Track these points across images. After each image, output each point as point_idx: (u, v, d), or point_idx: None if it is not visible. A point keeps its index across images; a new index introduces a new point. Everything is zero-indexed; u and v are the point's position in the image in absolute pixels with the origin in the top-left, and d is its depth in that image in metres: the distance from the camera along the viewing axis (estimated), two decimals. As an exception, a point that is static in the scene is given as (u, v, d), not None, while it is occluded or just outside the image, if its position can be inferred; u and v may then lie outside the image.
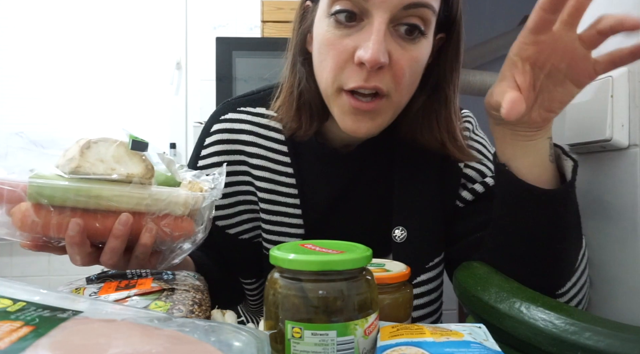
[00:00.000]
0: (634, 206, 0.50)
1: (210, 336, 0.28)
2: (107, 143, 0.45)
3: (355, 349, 0.33)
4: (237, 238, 0.67)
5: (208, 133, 0.67)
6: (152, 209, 0.47)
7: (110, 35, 2.13)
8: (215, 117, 0.67)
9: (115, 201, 0.45)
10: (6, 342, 0.23)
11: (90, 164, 0.44)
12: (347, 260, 0.34)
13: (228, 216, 0.66)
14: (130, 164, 0.45)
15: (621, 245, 0.52)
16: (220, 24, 2.05)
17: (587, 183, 0.58)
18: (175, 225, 0.48)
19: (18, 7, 2.09)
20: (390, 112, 0.54)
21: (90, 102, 2.13)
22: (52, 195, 0.43)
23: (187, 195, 0.48)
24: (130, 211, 0.46)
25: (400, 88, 0.52)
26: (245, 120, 0.65)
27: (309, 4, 0.58)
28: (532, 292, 0.45)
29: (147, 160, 0.46)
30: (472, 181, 0.63)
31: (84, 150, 0.44)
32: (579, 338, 0.37)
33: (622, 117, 0.51)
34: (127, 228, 0.45)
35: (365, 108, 0.52)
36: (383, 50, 0.48)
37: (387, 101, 0.52)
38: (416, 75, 0.54)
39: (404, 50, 0.51)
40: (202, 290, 0.49)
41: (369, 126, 0.54)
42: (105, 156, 0.45)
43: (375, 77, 0.50)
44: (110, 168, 0.44)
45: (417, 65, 0.53)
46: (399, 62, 0.50)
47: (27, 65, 2.10)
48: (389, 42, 0.50)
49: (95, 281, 0.49)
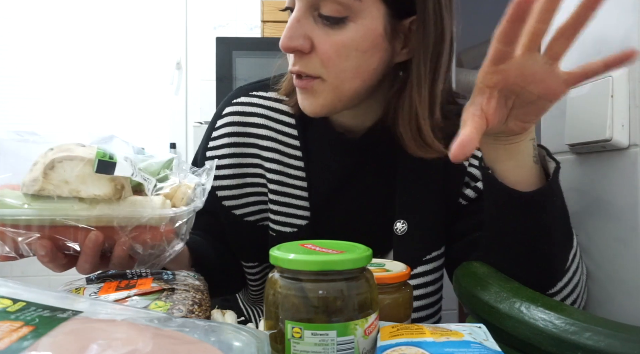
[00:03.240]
0: (634, 206, 0.50)
1: (210, 336, 0.28)
2: (72, 163, 0.42)
3: (355, 349, 0.33)
4: (242, 219, 0.68)
5: (220, 115, 0.69)
6: (124, 224, 0.45)
7: (110, 35, 2.13)
8: (228, 101, 0.70)
9: (84, 223, 0.43)
10: (6, 342, 0.23)
11: (54, 186, 0.42)
12: (347, 260, 0.34)
13: (235, 196, 0.67)
14: (96, 185, 0.43)
15: (621, 245, 0.52)
16: (220, 24, 2.05)
17: (587, 183, 0.58)
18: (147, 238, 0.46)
19: (18, 7, 2.09)
20: (331, 94, 0.56)
21: (91, 102, 2.13)
22: (16, 222, 0.42)
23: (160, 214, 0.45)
24: (101, 227, 0.44)
25: (332, 71, 0.54)
26: (257, 104, 0.68)
27: None
28: (532, 292, 0.45)
29: (117, 177, 0.44)
30: (476, 179, 0.63)
31: (48, 170, 0.42)
32: (579, 338, 0.37)
33: (622, 117, 0.51)
34: (97, 245, 0.45)
35: (299, 86, 0.57)
36: (295, 36, 0.53)
37: (322, 82, 0.55)
38: (354, 59, 0.53)
39: (326, 36, 0.53)
40: (202, 290, 0.49)
41: (310, 103, 0.57)
42: (70, 177, 0.42)
43: (299, 61, 0.55)
44: (75, 190, 0.42)
45: (347, 49, 0.53)
46: (322, 46, 0.53)
47: (27, 65, 2.10)
48: (312, 29, 0.53)
49: (95, 281, 0.49)
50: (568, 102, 0.60)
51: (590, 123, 0.54)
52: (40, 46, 2.10)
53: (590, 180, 0.57)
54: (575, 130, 0.58)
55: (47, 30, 2.10)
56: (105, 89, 2.13)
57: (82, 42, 2.12)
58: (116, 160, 0.43)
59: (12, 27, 2.09)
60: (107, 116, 2.13)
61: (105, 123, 2.13)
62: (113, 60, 2.14)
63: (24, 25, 2.10)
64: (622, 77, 0.51)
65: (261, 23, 1.82)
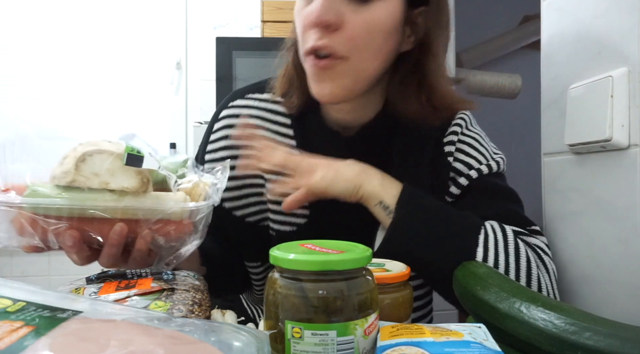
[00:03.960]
0: (634, 206, 0.50)
1: (210, 336, 0.28)
2: (102, 156, 0.45)
3: (355, 349, 0.33)
4: (243, 220, 0.69)
5: (217, 119, 0.70)
6: (147, 217, 0.47)
7: (110, 35, 2.13)
8: (224, 104, 0.71)
9: (110, 214, 0.45)
10: (6, 342, 0.23)
11: (85, 178, 0.44)
12: (347, 260, 0.34)
13: (235, 198, 0.68)
14: (124, 177, 0.45)
15: (621, 245, 0.52)
16: (220, 24, 2.05)
17: (587, 183, 0.58)
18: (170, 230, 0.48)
19: (18, 7, 2.09)
20: (352, 76, 0.56)
21: (91, 101, 2.13)
22: (47, 211, 0.44)
23: (182, 207, 0.48)
24: (126, 220, 0.46)
25: (357, 50, 0.54)
26: (253, 106, 0.69)
27: None
28: (532, 292, 0.45)
29: (143, 171, 0.46)
30: (460, 174, 0.64)
31: (79, 163, 0.44)
32: (579, 338, 0.37)
33: (622, 117, 0.51)
34: (122, 237, 0.46)
35: (320, 65, 0.55)
36: (327, 9, 0.52)
37: (344, 63, 0.55)
38: (378, 38, 0.55)
39: (356, 13, 0.53)
40: (202, 290, 0.49)
41: (330, 87, 0.56)
42: (100, 169, 0.45)
43: (326, 36, 0.53)
44: (105, 182, 0.45)
45: (375, 28, 0.54)
46: (351, 23, 0.53)
47: (27, 65, 2.10)
48: (341, 4, 0.53)
49: (95, 281, 0.49)
50: (568, 102, 0.60)
51: (590, 123, 0.54)
52: (40, 46, 2.10)
53: (590, 180, 0.57)
54: (575, 130, 0.58)
55: (47, 30, 2.10)
56: (106, 89, 2.13)
57: (82, 42, 2.12)
58: (144, 155, 0.46)
59: (12, 27, 2.09)
60: (107, 116, 2.13)
61: (106, 123, 2.13)
62: (113, 60, 2.13)
63: (24, 25, 2.10)
64: (622, 77, 0.51)
65: (261, 23, 1.82)
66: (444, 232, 0.54)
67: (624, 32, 0.51)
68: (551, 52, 0.66)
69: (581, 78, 0.58)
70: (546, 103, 0.67)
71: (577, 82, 0.59)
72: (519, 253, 0.54)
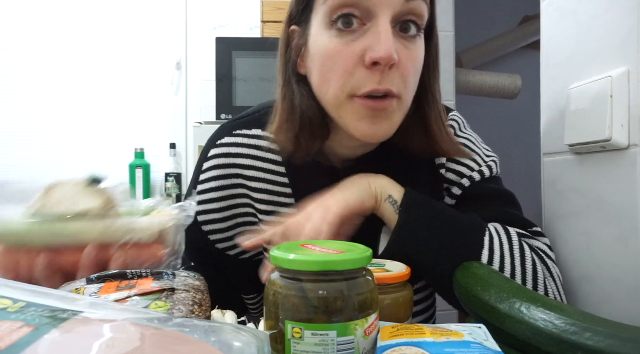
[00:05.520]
0: (634, 206, 0.50)
1: (210, 336, 0.28)
2: (67, 184, 0.49)
3: (355, 349, 0.33)
4: (237, 258, 0.68)
5: (206, 158, 0.67)
6: (116, 238, 0.49)
7: (110, 35, 2.13)
8: (212, 142, 0.67)
9: (79, 236, 0.48)
10: (6, 342, 0.23)
11: (52, 205, 0.48)
12: (347, 260, 0.34)
13: (227, 239, 0.67)
14: (89, 200, 0.49)
15: (621, 245, 0.52)
16: (220, 24, 2.05)
17: (587, 183, 0.58)
18: (142, 251, 0.50)
19: (18, 7, 2.09)
20: (401, 112, 0.55)
21: (91, 102, 2.13)
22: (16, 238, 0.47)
23: (149, 220, 0.50)
24: (97, 243, 0.48)
25: (407, 88, 0.53)
26: (241, 144, 0.65)
27: (295, 28, 0.58)
28: (532, 292, 0.45)
29: (107, 193, 0.50)
30: (453, 184, 0.64)
31: (45, 193, 0.48)
32: (579, 338, 0.37)
33: (622, 117, 0.51)
34: (93, 259, 0.48)
35: (380, 106, 0.51)
36: (394, 47, 0.49)
37: (398, 101, 0.53)
38: (418, 74, 0.55)
39: (407, 50, 0.51)
40: (202, 290, 0.49)
41: (386, 127, 0.54)
42: (66, 196, 0.48)
43: (387, 78, 0.50)
44: (71, 206, 0.48)
45: (419, 64, 0.54)
46: (404, 61, 0.51)
47: (27, 65, 2.10)
48: (394, 42, 0.50)
49: (95, 281, 0.49)
50: (568, 102, 0.60)
51: (589, 123, 0.54)
52: (40, 46, 2.10)
53: (590, 180, 0.57)
54: (575, 130, 0.58)
55: (47, 30, 2.10)
56: (105, 89, 2.13)
57: (82, 42, 2.12)
58: (104, 178, 0.50)
59: (12, 27, 2.09)
60: (107, 116, 2.13)
61: (105, 123, 2.13)
62: (113, 60, 2.13)
63: (24, 25, 2.10)
64: (622, 77, 0.51)
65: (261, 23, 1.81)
66: (449, 233, 0.54)
67: (623, 32, 0.51)
68: (551, 52, 0.66)
69: (581, 78, 0.58)
70: (546, 103, 0.67)
71: (577, 82, 0.59)
72: (524, 256, 0.54)
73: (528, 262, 0.54)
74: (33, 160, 2.10)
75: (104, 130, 2.13)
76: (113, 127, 2.13)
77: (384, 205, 0.56)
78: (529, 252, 0.54)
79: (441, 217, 0.55)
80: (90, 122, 2.12)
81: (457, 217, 0.56)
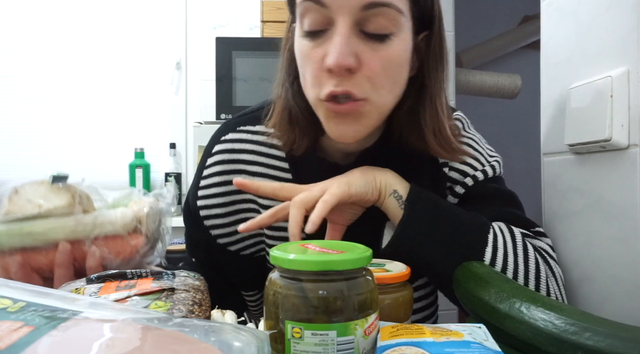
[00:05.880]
0: (634, 206, 0.50)
1: (210, 336, 0.28)
2: (33, 185, 0.49)
3: (355, 350, 0.33)
4: (238, 254, 0.68)
5: (210, 154, 0.68)
6: (88, 233, 0.49)
7: (110, 35, 2.13)
8: (216, 138, 0.68)
9: (49, 235, 0.48)
10: (6, 342, 0.23)
11: (19, 206, 0.48)
12: (347, 260, 0.34)
13: (229, 234, 0.67)
14: (56, 198, 0.48)
15: (621, 245, 0.52)
16: (220, 24, 2.05)
17: (587, 183, 0.58)
18: (117, 243, 0.49)
19: (18, 7, 2.09)
20: (374, 114, 0.54)
21: (91, 102, 2.13)
22: None
23: (122, 211, 0.50)
24: (69, 240, 0.48)
25: (378, 89, 0.52)
26: (246, 140, 0.66)
27: (294, 25, 0.59)
28: (532, 292, 0.45)
29: (73, 190, 0.49)
30: (456, 182, 0.64)
31: (12, 195, 0.48)
32: (579, 338, 0.37)
33: (622, 117, 0.51)
34: (67, 256, 0.47)
35: (342, 110, 0.52)
36: (347, 53, 0.49)
37: (367, 103, 0.52)
38: (395, 75, 0.54)
39: (373, 52, 0.51)
40: (202, 290, 0.49)
41: (354, 129, 0.54)
42: (32, 196, 0.48)
43: (346, 81, 0.50)
44: (38, 205, 0.48)
45: (392, 65, 0.52)
46: (370, 63, 0.50)
47: (27, 65, 2.10)
48: (357, 45, 0.50)
49: (95, 281, 0.49)
50: (568, 102, 0.60)
51: (590, 123, 0.54)
52: (40, 46, 2.10)
53: (590, 180, 0.57)
54: (575, 130, 0.58)
55: (47, 30, 2.10)
56: (105, 89, 2.13)
57: (82, 42, 2.12)
58: (67, 175, 0.50)
59: (12, 27, 2.09)
60: (107, 116, 2.13)
61: (105, 123, 2.13)
62: (113, 60, 2.13)
63: (24, 25, 2.10)
64: (622, 77, 0.51)
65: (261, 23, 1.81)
66: (454, 230, 0.54)
67: (624, 32, 0.51)
68: (551, 52, 0.66)
69: (581, 78, 0.58)
70: (546, 103, 0.67)
71: (577, 82, 0.59)
72: (527, 255, 0.54)
73: (531, 261, 0.54)
74: (33, 160, 2.09)
75: (104, 130, 2.13)
76: (113, 127, 2.13)
77: (388, 199, 0.56)
78: (532, 252, 0.55)
79: (446, 214, 0.55)
80: (90, 122, 2.12)
81: (461, 214, 0.56)
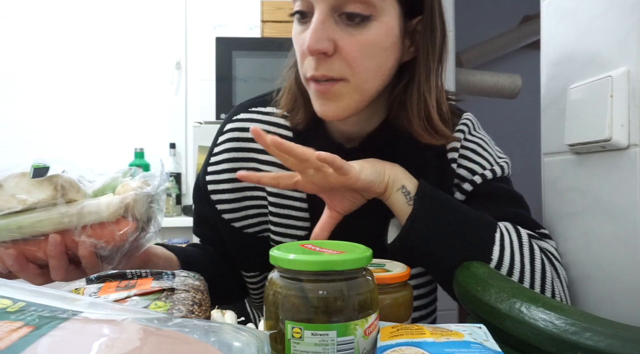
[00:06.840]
0: (634, 206, 0.50)
1: (210, 336, 0.28)
2: (15, 179, 0.49)
3: (355, 350, 0.33)
4: (242, 231, 0.69)
5: (221, 132, 0.71)
6: (75, 223, 0.48)
7: (110, 35, 2.13)
8: (229, 118, 0.72)
9: (38, 227, 0.48)
10: (6, 342, 0.23)
11: (4, 201, 0.48)
12: (347, 260, 0.34)
13: (234, 210, 0.69)
14: (39, 191, 0.48)
15: (621, 245, 0.52)
16: (220, 24, 2.05)
17: (587, 183, 0.58)
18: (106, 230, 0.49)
19: (18, 7, 2.09)
20: (355, 95, 0.56)
21: (90, 102, 2.13)
22: None
23: (107, 200, 0.49)
24: (59, 231, 0.48)
25: (356, 72, 0.54)
26: (256, 120, 0.69)
27: None
28: (532, 292, 0.45)
29: (57, 181, 0.49)
30: (464, 180, 0.64)
31: None
32: (579, 338, 0.37)
33: (622, 117, 0.51)
34: (58, 247, 0.48)
35: (321, 90, 0.55)
36: (321, 38, 0.52)
37: (346, 85, 0.55)
38: (377, 59, 0.55)
39: (350, 36, 0.53)
40: (202, 290, 0.49)
41: (334, 108, 0.56)
42: (16, 190, 0.48)
43: (323, 64, 0.54)
44: (22, 200, 0.48)
45: (372, 49, 0.54)
46: (347, 47, 0.53)
47: (27, 65, 2.10)
48: (334, 30, 0.53)
49: (95, 281, 0.49)
50: (568, 102, 0.60)
51: (590, 123, 0.54)
52: (40, 46, 2.10)
53: (590, 180, 0.57)
54: (575, 130, 0.58)
55: (47, 30, 2.10)
56: (105, 89, 2.13)
57: (82, 42, 2.12)
58: (49, 166, 0.49)
59: (12, 27, 2.09)
60: (107, 116, 2.13)
61: (105, 123, 2.13)
62: (113, 60, 2.13)
63: (24, 25, 2.10)
64: (622, 77, 0.51)
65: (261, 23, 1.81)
66: (462, 227, 0.54)
67: (623, 32, 0.51)
68: (551, 52, 0.66)
69: (581, 78, 0.58)
70: (546, 103, 0.67)
71: (577, 82, 0.59)
72: (533, 255, 0.54)
73: (537, 262, 0.54)
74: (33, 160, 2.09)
75: (104, 130, 2.13)
76: (113, 127, 2.13)
77: (395, 194, 0.56)
78: (538, 252, 0.55)
79: (454, 211, 0.55)
80: (90, 122, 2.12)
81: (469, 213, 0.56)
